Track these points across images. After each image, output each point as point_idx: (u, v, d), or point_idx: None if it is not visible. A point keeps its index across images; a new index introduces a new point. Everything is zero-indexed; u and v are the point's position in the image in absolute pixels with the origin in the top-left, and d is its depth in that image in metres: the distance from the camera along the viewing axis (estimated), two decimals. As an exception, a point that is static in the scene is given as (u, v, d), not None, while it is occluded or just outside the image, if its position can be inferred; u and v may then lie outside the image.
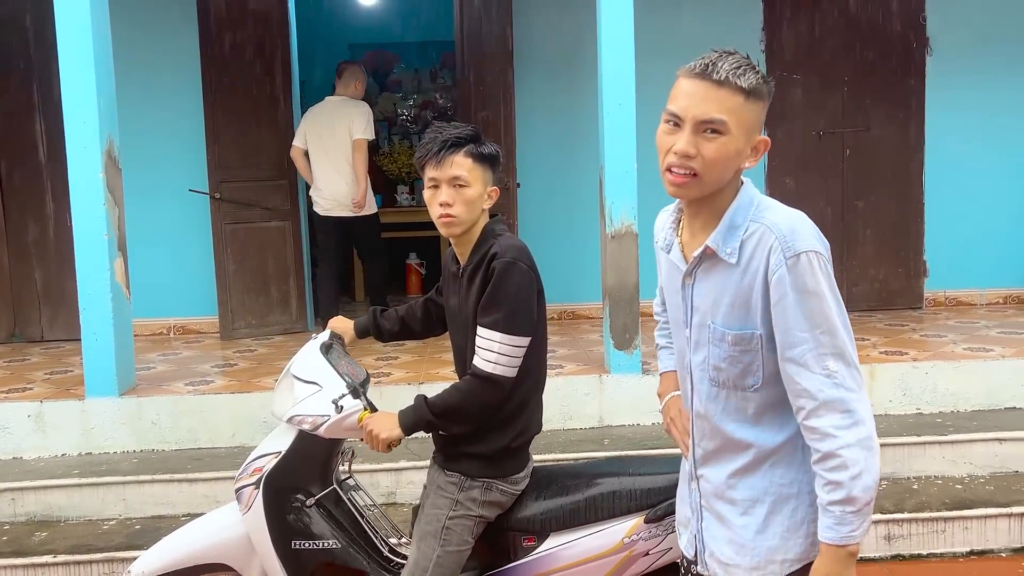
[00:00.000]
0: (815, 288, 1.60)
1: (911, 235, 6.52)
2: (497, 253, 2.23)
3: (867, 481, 1.58)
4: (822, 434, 1.60)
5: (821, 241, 1.65)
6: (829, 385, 1.60)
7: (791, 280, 1.60)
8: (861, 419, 1.60)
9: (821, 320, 1.60)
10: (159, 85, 6.25)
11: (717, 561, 1.80)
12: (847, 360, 1.61)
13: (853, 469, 1.57)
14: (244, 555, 2.54)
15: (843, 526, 1.59)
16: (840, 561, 1.61)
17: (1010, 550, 3.86)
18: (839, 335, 1.61)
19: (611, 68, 4.52)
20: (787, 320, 1.62)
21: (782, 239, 1.62)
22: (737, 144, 1.63)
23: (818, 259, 1.62)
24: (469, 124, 2.33)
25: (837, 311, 1.62)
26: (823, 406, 1.60)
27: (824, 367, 1.60)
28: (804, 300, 1.60)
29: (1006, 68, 6.42)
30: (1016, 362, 4.72)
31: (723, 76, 1.60)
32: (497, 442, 2.29)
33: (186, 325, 6.50)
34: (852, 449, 1.58)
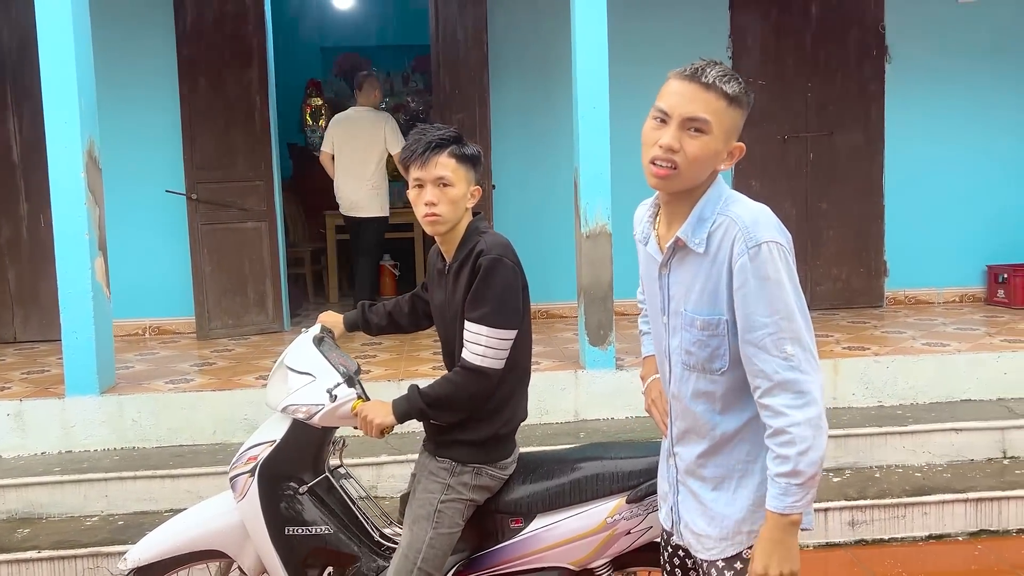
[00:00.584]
0: (775, 276, 1.72)
1: (872, 236, 6.75)
2: (483, 250, 2.33)
3: (813, 457, 1.70)
4: (775, 412, 1.73)
5: (782, 233, 1.77)
6: (785, 367, 1.72)
7: (752, 268, 1.73)
8: (812, 400, 1.72)
9: (780, 306, 1.72)
10: (136, 86, 6.27)
11: (691, 532, 1.94)
12: (803, 344, 1.73)
13: (801, 445, 1.70)
14: (238, 542, 2.61)
15: (787, 496, 1.72)
16: (783, 528, 1.74)
17: (966, 534, 4.06)
18: (796, 321, 1.73)
19: (586, 72, 4.65)
20: (748, 305, 1.74)
21: (745, 230, 1.75)
22: (716, 145, 1.77)
23: (778, 249, 1.74)
24: (449, 126, 2.42)
25: (795, 298, 1.74)
26: (778, 386, 1.73)
27: (782, 350, 1.72)
28: (764, 287, 1.72)
29: (962, 75, 6.69)
30: (971, 356, 4.94)
31: (711, 80, 1.75)
32: (486, 430, 2.40)
33: (162, 325, 6.52)
34: (801, 427, 1.70)
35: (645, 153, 1.81)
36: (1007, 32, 6.71)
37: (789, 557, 1.75)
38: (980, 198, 6.80)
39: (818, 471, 1.72)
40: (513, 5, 6.43)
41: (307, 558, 2.57)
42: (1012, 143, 6.81)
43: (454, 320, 2.40)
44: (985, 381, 4.85)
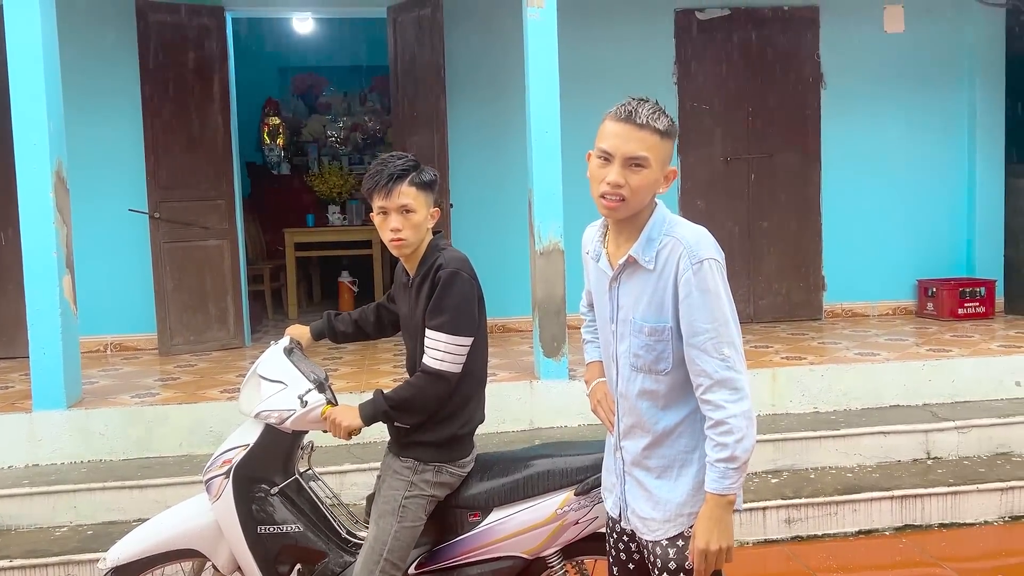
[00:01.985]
0: (714, 288, 1.99)
1: (810, 253, 7.12)
2: (442, 264, 2.56)
3: (746, 444, 1.97)
4: (715, 406, 1.99)
5: (718, 251, 2.05)
6: (723, 367, 1.98)
7: (695, 282, 1.99)
8: (745, 395, 1.99)
9: (718, 315, 1.99)
10: (99, 106, 6.38)
11: (637, 516, 2.18)
12: (736, 347, 2.00)
13: (738, 434, 1.96)
14: (212, 541, 2.77)
15: (725, 479, 1.98)
16: (722, 507, 2.00)
17: (892, 529, 4.36)
18: (730, 327, 2.01)
19: (538, 99, 4.92)
20: (691, 314, 2.00)
21: (689, 248, 2.01)
22: (655, 175, 2.03)
23: (716, 265, 2.01)
24: (408, 154, 2.63)
25: (729, 308, 2.02)
26: (717, 384, 1.98)
27: (720, 352, 1.98)
28: (705, 298, 1.99)
29: (892, 101, 7.11)
30: (898, 364, 5.28)
31: (644, 120, 2.01)
32: (446, 431, 2.61)
33: (123, 342, 6.60)
34: (737, 419, 1.97)
35: (594, 189, 2.07)
36: (932, 60, 7.15)
37: (726, 533, 2.01)
38: (910, 217, 7.21)
39: (750, 457, 1.99)
40: (469, 32, 6.68)
41: (278, 555, 2.75)
42: (939, 165, 7.25)
43: (417, 330, 2.62)
44: (911, 388, 5.19)
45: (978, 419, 4.86)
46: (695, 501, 2.09)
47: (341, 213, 8.93)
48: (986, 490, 4.41)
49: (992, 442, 4.82)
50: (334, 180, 9.14)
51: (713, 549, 2.00)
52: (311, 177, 9.38)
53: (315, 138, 10.86)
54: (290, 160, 10.57)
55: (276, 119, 10.58)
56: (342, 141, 10.92)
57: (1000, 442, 4.83)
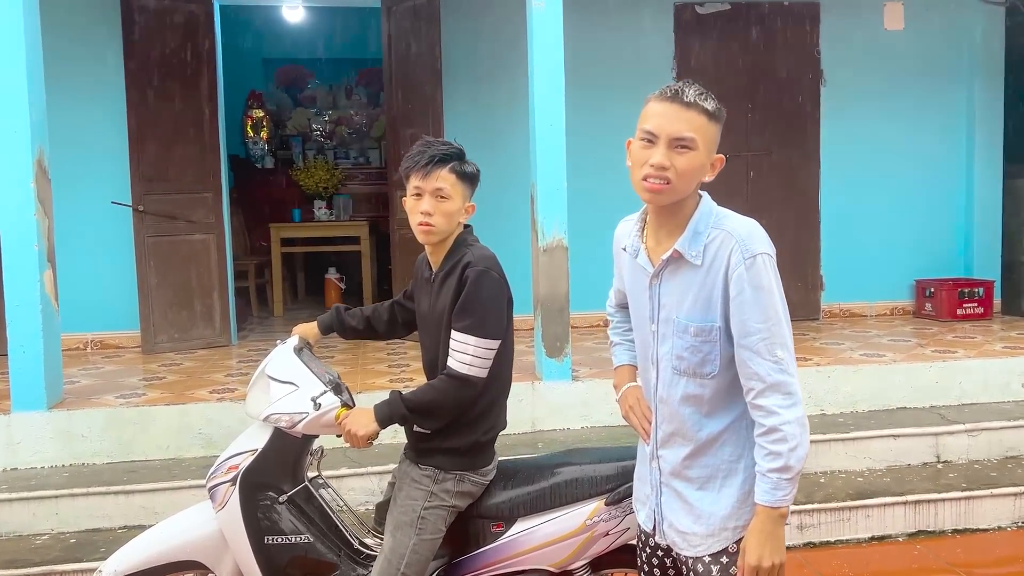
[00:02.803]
0: (767, 285, 1.85)
1: (809, 252, 7.04)
2: (471, 262, 2.40)
3: (800, 453, 1.84)
4: (768, 411, 1.85)
5: (771, 245, 1.91)
6: (776, 370, 1.84)
7: (748, 278, 1.85)
8: (799, 400, 1.86)
9: (772, 313, 1.85)
10: (82, 95, 6.16)
11: (676, 531, 2.02)
12: (789, 349, 1.87)
13: (792, 442, 1.83)
14: (216, 552, 2.60)
15: (778, 490, 1.84)
16: (773, 521, 1.86)
17: (906, 535, 4.27)
18: (784, 328, 1.87)
19: (543, 92, 4.77)
20: (743, 313, 1.86)
21: (742, 243, 1.87)
22: (702, 158, 1.88)
23: (769, 260, 1.88)
24: (453, 142, 2.49)
25: (782, 307, 1.88)
26: (770, 388, 1.84)
27: (773, 354, 1.84)
28: (759, 296, 1.85)
29: (891, 98, 7.05)
30: (906, 366, 5.19)
31: (691, 99, 1.86)
32: (468, 437, 2.45)
33: (105, 340, 6.37)
34: (791, 425, 1.83)
35: (635, 174, 1.92)
36: (931, 58, 7.10)
37: (779, 548, 1.87)
38: (909, 216, 7.16)
39: (803, 466, 1.85)
40: (467, 21, 6.52)
41: (286, 567, 2.58)
42: (937, 164, 7.20)
43: (437, 327, 2.46)
44: (919, 390, 5.11)
45: (987, 422, 4.78)
46: (740, 514, 1.96)
47: (327, 208, 8.74)
48: (1000, 495, 4.33)
49: (1002, 445, 4.75)
50: (320, 174, 8.94)
51: (766, 566, 1.86)
52: (296, 171, 9.16)
53: (300, 131, 10.63)
54: (274, 154, 10.34)
55: (260, 112, 10.33)
56: (327, 135, 10.71)
57: (1010, 445, 4.76)
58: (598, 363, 5.35)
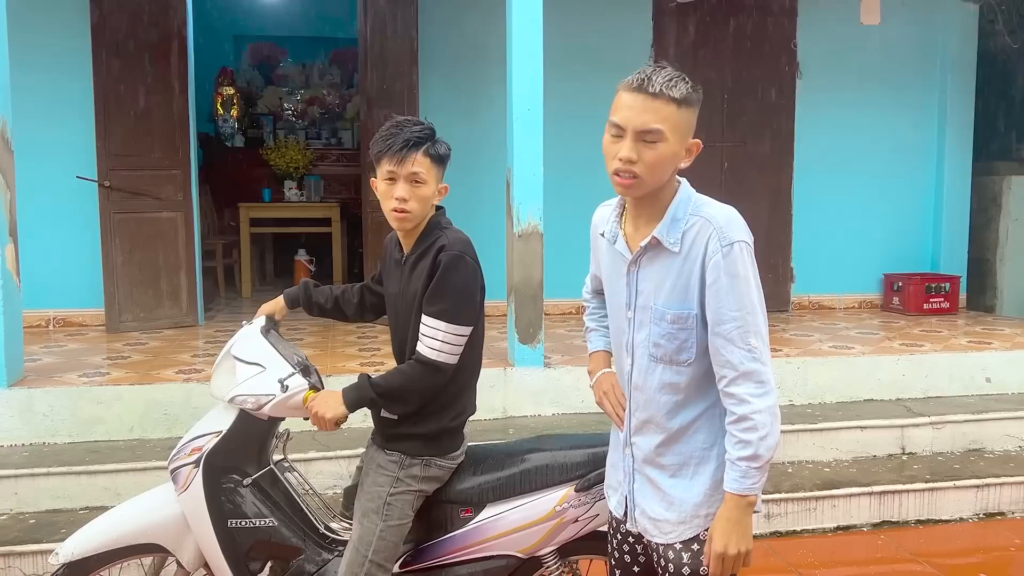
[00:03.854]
0: (743, 273, 1.83)
1: (780, 244, 7.07)
2: (445, 245, 2.34)
3: (770, 442, 1.83)
4: (739, 400, 1.83)
5: (749, 233, 1.88)
6: (749, 359, 1.83)
7: (725, 266, 1.82)
8: (771, 390, 1.85)
9: (747, 302, 1.83)
10: (48, 68, 6.00)
11: (648, 518, 2.01)
12: (763, 338, 1.86)
13: (762, 431, 1.81)
14: (177, 535, 2.54)
15: (747, 479, 1.83)
16: (741, 509, 1.85)
17: (870, 524, 4.31)
18: (759, 317, 1.85)
19: (521, 75, 4.71)
20: (719, 300, 1.84)
21: (719, 230, 1.84)
22: (673, 148, 1.84)
23: (747, 248, 1.86)
24: (425, 121, 2.41)
25: (758, 296, 1.87)
26: (742, 376, 1.83)
27: (747, 343, 1.83)
28: (734, 284, 1.83)
29: (864, 92, 7.09)
30: (873, 359, 5.24)
31: (657, 89, 1.81)
32: (436, 423, 2.41)
33: (68, 317, 6.24)
34: (762, 414, 1.82)
35: (608, 165, 1.88)
36: (906, 54, 7.15)
37: (746, 536, 1.86)
38: (879, 211, 7.22)
39: (773, 455, 1.85)
40: (445, 3, 6.45)
41: (250, 551, 2.54)
42: (909, 160, 7.27)
43: (407, 311, 2.41)
44: (885, 382, 5.17)
45: (952, 415, 4.84)
46: (712, 501, 1.95)
47: (298, 189, 8.62)
48: (962, 487, 4.39)
49: (965, 438, 4.81)
50: (291, 154, 8.81)
51: (732, 553, 1.85)
52: (267, 151, 9.02)
53: (271, 110, 10.48)
54: (244, 132, 10.17)
55: (230, 89, 10.16)
56: (299, 114, 10.56)
57: (973, 438, 4.82)
58: (570, 350, 5.34)
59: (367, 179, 6.27)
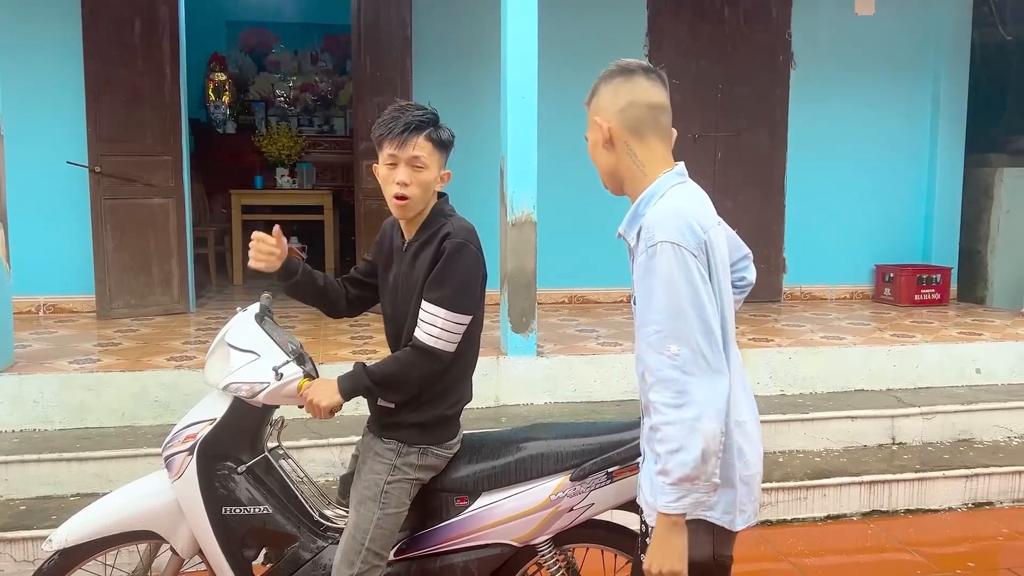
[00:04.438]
0: (666, 275, 1.73)
1: (773, 234, 7.09)
2: (450, 233, 2.32)
3: (683, 458, 1.68)
4: (654, 408, 1.75)
5: (685, 234, 1.75)
6: (668, 366, 1.71)
7: (648, 266, 1.77)
8: (691, 401, 1.69)
9: (669, 305, 1.73)
10: (35, 49, 5.94)
11: (643, 498, 1.99)
12: (691, 346, 1.70)
13: (671, 444, 1.69)
14: (171, 522, 2.53)
15: (663, 495, 1.72)
16: (665, 526, 1.74)
17: (860, 514, 4.34)
18: (686, 321, 1.71)
19: (515, 63, 4.69)
20: (643, 301, 1.79)
21: (647, 229, 1.79)
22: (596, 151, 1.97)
23: (673, 249, 1.74)
24: (427, 106, 2.38)
25: (690, 299, 1.72)
26: (659, 383, 1.73)
27: (667, 348, 1.72)
28: (656, 285, 1.74)
29: (859, 83, 7.09)
30: (864, 349, 5.26)
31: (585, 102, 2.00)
32: (433, 411, 2.40)
33: (58, 304, 6.21)
34: (673, 427, 1.69)
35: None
36: (900, 46, 7.16)
37: (671, 556, 1.75)
38: (871, 202, 7.24)
39: (692, 474, 1.69)
40: (439, -11, 6.41)
41: (244, 538, 2.53)
42: (902, 151, 7.29)
43: (407, 298, 2.39)
44: (876, 373, 5.19)
45: (942, 405, 4.87)
46: None
47: (290, 176, 8.58)
48: (952, 476, 4.41)
49: (955, 428, 4.84)
50: (283, 141, 8.76)
51: (654, 572, 1.76)
52: (259, 137, 8.97)
53: (263, 97, 10.43)
54: (236, 119, 10.12)
55: (222, 75, 10.10)
56: (291, 101, 10.51)
57: (963, 428, 4.85)
58: (563, 339, 5.34)
59: (359, 167, 6.28)
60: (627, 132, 1.90)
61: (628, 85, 1.91)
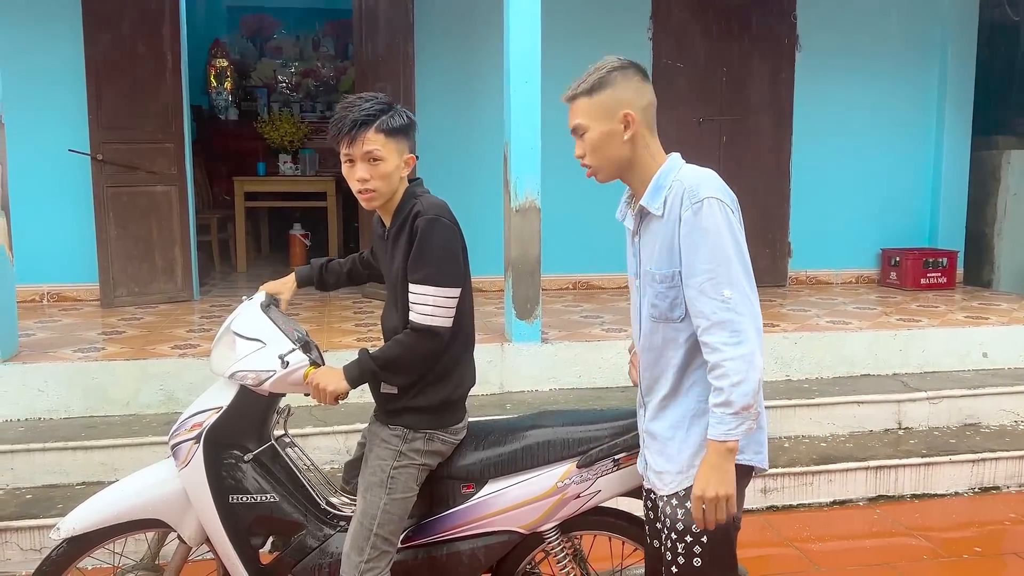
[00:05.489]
0: (714, 227, 1.90)
1: (778, 218, 7.05)
2: (420, 211, 2.32)
3: (745, 389, 1.86)
4: (712, 348, 1.90)
5: (725, 193, 1.96)
6: (723, 308, 1.88)
7: (695, 221, 1.91)
8: (746, 338, 1.88)
9: (719, 254, 1.89)
10: (35, 37, 5.90)
11: (654, 471, 2.12)
12: (739, 289, 1.89)
13: (734, 378, 1.86)
14: (179, 510, 2.53)
15: (722, 425, 1.89)
16: (720, 455, 1.91)
17: (866, 499, 4.33)
18: (734, 268, 1.90)
19: (519, 48, 4.65)
20: (691, 254, 1.92)
21: (690, 189, 1.95)
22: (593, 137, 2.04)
23: (719, 204, 1.91)
24: (379, 94, 2.38)
25: (734, 247, 1.91)
26: (715, 325, 1.89)
27: (719, 293, 1.88)
28: (705, 237, 1.90)
29: (866, 68, 7.03)
30: (870, 334, 5.24)
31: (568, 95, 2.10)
32: (436, 395, 2.40)
33: (62, 292, 6.20)
34: (734, 362, 1.86)
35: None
36: (906, 26, 7.09)
37: (724, 481, 1.92)
38: (877, 185, 7.20)
39: (751, 403, 1.88)
40: (440, -26, 6.35)
41: (251, 526, 2.53)
42: (908, 133, 7.23)
43: (395, 285, 2.40)
44: (882, 357, 5.17)
45: (948, 390, 4.85)
46: None
47: (293, 162, 8.55)
48: (958, 461, 4.41)
49: (961, 413, 4.83)
50: (286, 127, 8.72)
51: (710, 496, 1.91)
52: (262, 124, 8.94)
53: (265, 83, 10.38)
54: (238, 105, 10.08)
55: (224, 61, 10.07)
56: (293, 87, 10.47)
57: (969, 413, 4.84)
58: (568, 326, 5.32)
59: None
60: (645, 128, 2.04)
61: (646, 85, 2.04)
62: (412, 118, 2.38)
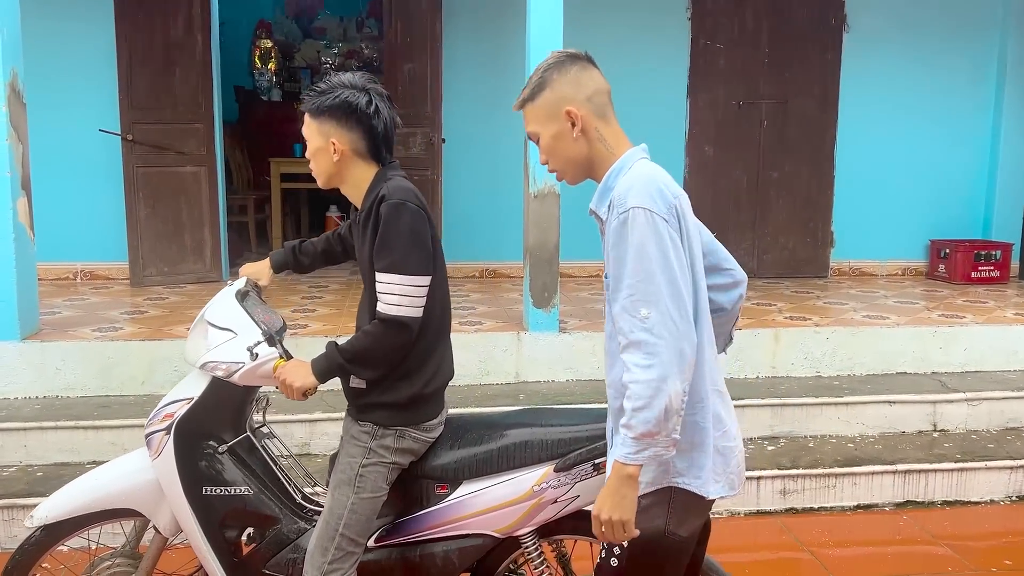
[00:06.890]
0: (637, 240, 1.78)
1: (820, 206, 6.78)
2: (384, 196, 2.21)
3: (646, 415, 1.74)
4: (626, 367, 1.79)
5: (656, 200, 1.80)
6: (639, 328, 1.77)
7: (620, 232, 1.80)
8: (659, 363, 1.75)
9: (640, 269, 1.77)
10: (68, 18, 5.96)
11: None
12: (660, 308, 1.76)
13: (637, 402, 1.75)
14: (153, 500, 2.50)
15: (624, 447, 1.79)
16: (619, 478, 1.80)
17: (893, 504, 4.13)
18: (656, 285, 1.76)
19: (540, 29, 4.51)
20: (618, 267, 1.82)
21: (618, 198, 1.83)
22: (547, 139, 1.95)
23: (645, 215, 1.78)
24: (348, 73, 2.33)
25: (659, 263, 1.77)
26: (631, 345, 1.78)
27: (638, 312, 1.77)
28: (628, 251, 1.79)
29: (916, 49, 6.69)
30: (909, 330, 4.99)
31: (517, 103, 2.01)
32: (407, 390, 2.29)
33: (93, 270, 6.29)
34: (640, 385, 1.75)
35: None
36: (962, 5, 6.70)
37: (620, 505, 1.81)
38: (927, 173, 6.86)
39: (653, 431, 1.75)
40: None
41: (225, 518, 2.49)
42: (960, 120, 6.87)
43: (365, 273, 2.31)
44: (921, 355, 4.92)
45: (989, 391, 4.60)
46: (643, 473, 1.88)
47: (332, 144, 8.51)
48: (995, 467, 4.18)
49: (1003, 416, 4.57)
50: (325, 109, 8.67)
51: (603, 519, 1.82)
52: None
53: (309, 64, 10.36)
54: (281, 86, 10.10)
55: (268, 42, 10.08)
56: (337, 68, 10.44)
57: (1011, 416, 4.58)
58: (589, 315, 5.19)
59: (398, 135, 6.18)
60: (596, 118, 1.93)
61: (587, 73, 1.93)
62: (346, 99, 2.25)
